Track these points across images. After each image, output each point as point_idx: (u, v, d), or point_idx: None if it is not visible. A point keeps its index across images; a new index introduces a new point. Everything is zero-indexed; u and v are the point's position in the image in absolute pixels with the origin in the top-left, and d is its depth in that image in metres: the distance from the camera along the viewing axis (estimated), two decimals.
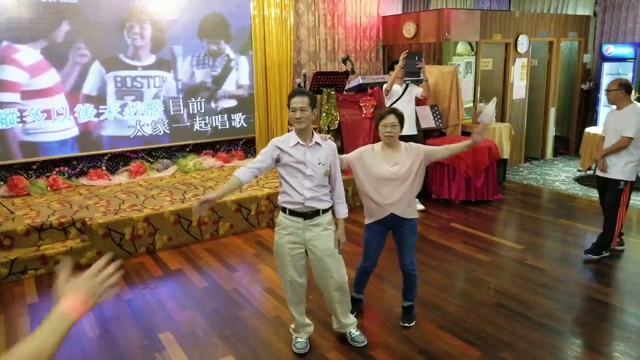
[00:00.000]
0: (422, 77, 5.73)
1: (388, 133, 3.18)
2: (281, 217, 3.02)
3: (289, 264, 3.02)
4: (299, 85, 6.46)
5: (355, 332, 3.27)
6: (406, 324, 3.44)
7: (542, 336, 3.29)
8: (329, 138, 3.09)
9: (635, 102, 4.38)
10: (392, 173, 3.19)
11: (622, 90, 4.28)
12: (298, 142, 2.89)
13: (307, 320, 3.26)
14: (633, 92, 7.02)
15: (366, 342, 3.22)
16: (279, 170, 2.97)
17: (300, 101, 2.85)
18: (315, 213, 2.96)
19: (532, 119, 8.44)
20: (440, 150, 3.30)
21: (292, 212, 2.95)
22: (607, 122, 4.51)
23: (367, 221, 3.36)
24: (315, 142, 2.94)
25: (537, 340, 3.23)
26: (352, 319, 3.30)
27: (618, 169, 4.34)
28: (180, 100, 6.53)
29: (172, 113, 6.48)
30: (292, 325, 3.26)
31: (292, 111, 2.87)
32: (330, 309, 3.23)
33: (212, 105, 6.77)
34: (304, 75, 6.63)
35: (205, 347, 3.27)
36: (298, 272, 3.05)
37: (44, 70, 5.62)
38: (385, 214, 3.24)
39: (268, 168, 2.95)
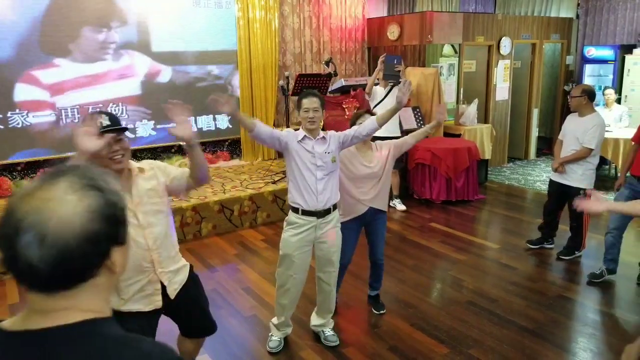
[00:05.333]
0: (401, 80, 5.79)
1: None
2: (293, 217, 3.08)
3: (297, 261, 3.10)
4: (282, 87, 6.53)
5: (328, 332, 3.36)
6: (382, 311, 3.65)
7: (509, 333, 3.39)
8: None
9: (598, 111, 4.40)
10: (370, 169, 3.41)
11: (585, 97, 4.24)
12: (305, 136, 3.02)
13: (290, 322, 3.35)
14: (614, 94, 7.21)
15: (338, 342, 3.31)
16: (291, 167, 3.03)
17: (314, 102, 3.02)
18: (327, 212, 3.07)
19: (516, 120, 8.56)
20: (408, 140, 3.52)
21: (305, 212, 3.02)
22: (566, 127, 4.47)
23: (342, 220, 3.41)
24: (322, 137, 3.06)
25: (505, 337, 3.34)
26: (330, 318, 3.40)
27: (577, 176, 4.33)
28: (165, 101, 6.57)
29: (157, 114, 6.53)
30: (274, 321, 3.30)
31: (305, 111, 3.00)
32: (319, 304, 3.34)
33: (197, 106, 6.82)
34: (287, 77, 6.70)
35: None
36: (303, 269, 3.16)
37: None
38: (365, 210, 3.44)
39: (277, 140, 2.97)
